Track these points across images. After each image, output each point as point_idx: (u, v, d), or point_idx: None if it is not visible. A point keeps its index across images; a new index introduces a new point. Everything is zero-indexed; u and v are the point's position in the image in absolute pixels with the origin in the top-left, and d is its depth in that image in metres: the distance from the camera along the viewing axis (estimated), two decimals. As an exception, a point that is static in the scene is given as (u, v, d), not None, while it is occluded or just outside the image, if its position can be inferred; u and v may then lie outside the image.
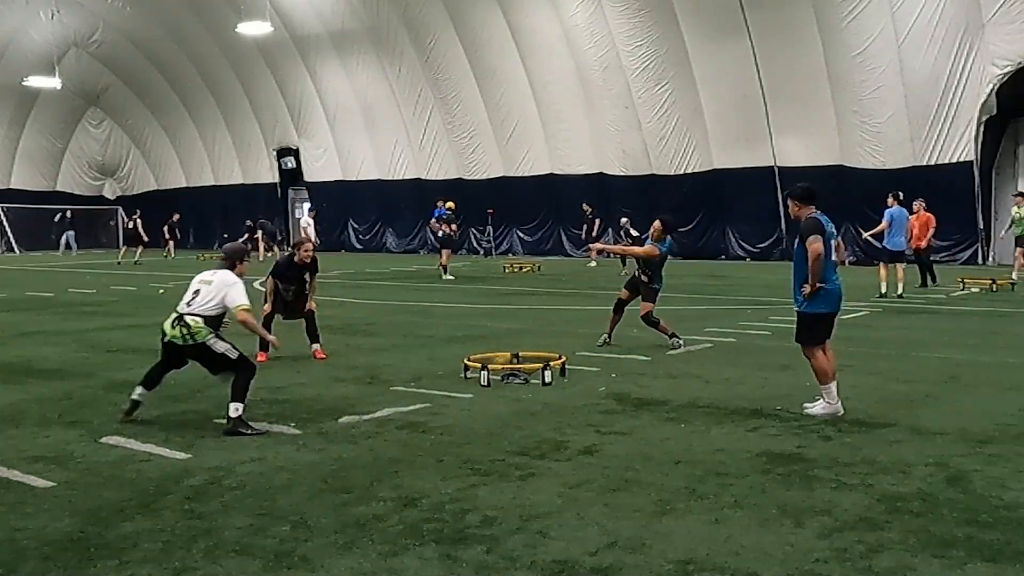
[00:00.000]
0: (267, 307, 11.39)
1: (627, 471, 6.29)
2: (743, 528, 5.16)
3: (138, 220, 35.43)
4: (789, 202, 8.38)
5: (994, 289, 19.26)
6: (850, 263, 28.52)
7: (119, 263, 33.18)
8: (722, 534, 5.07)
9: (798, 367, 10.33)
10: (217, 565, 4.70)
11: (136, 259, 33.61)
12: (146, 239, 34.87)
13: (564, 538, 5.03)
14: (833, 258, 7.98)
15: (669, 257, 12.21)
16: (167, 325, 7.79)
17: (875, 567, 4.59)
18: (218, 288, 7.81)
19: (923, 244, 20.15)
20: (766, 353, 11.42)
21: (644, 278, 11.99)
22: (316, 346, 11.40)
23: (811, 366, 8.01)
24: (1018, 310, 16.12)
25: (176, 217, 39.57)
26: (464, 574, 4.57)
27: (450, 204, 27.86)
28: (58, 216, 44.05)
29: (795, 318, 8.18)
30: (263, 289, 12.51)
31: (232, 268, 8.08)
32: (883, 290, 17.94)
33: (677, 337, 11.78)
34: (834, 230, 8.10)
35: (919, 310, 16.26)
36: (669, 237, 12.03)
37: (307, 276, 11.64)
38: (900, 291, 17.97)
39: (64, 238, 43.00)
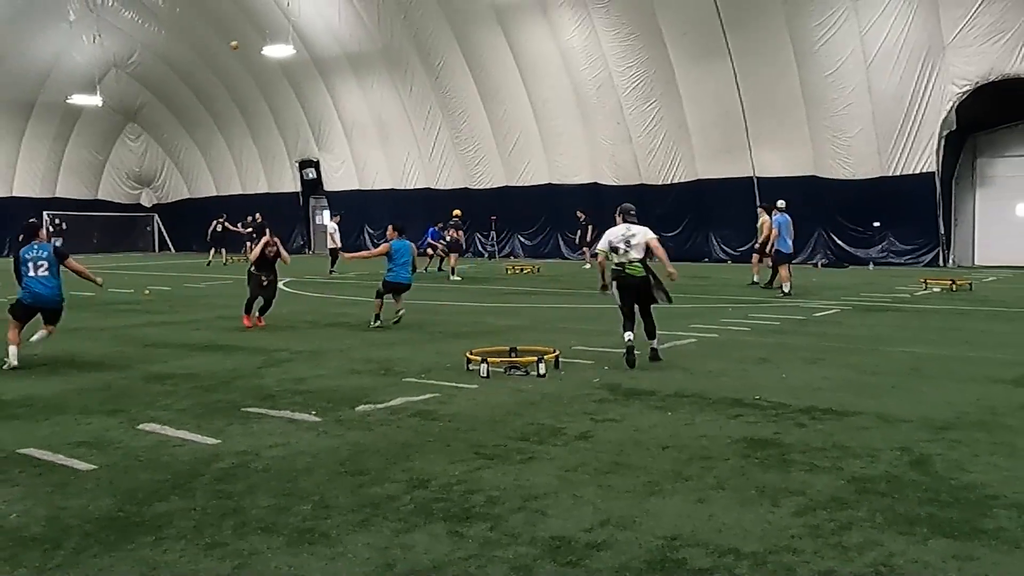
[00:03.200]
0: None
1: (618, 455, 6.29)
2: (725, 507, 5.15)
3: (225, 223, 35.51)
4: None
5: (954, 289, 19.26)
6: (822, 265, 28.64)
7: (213, 264, 33.28)
8: (705, 513, 5.07)
9: (775, 360, 10.36)
10: (244, 541, 4.70)
11: (223, 260, 33.85)
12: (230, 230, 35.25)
13: (561, 516, 5.02)
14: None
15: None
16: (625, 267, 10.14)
17: (845, 543, 4.59)
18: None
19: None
20: (746, 347, 11.42)
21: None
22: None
23: None
24: (976, 308, 16.11)
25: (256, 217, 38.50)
26: (470, 549, 4.56)
27: (457, 212, 27.88)
28: (53, 226, 43.15)
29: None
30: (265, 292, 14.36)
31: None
32: (786, 289, 18.20)
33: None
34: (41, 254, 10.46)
35: (886, 308, 16.26)
36: None
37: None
38: (787, 290, 18.18)
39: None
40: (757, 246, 21.73)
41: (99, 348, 11.89)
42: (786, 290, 18.18)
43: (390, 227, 14.74)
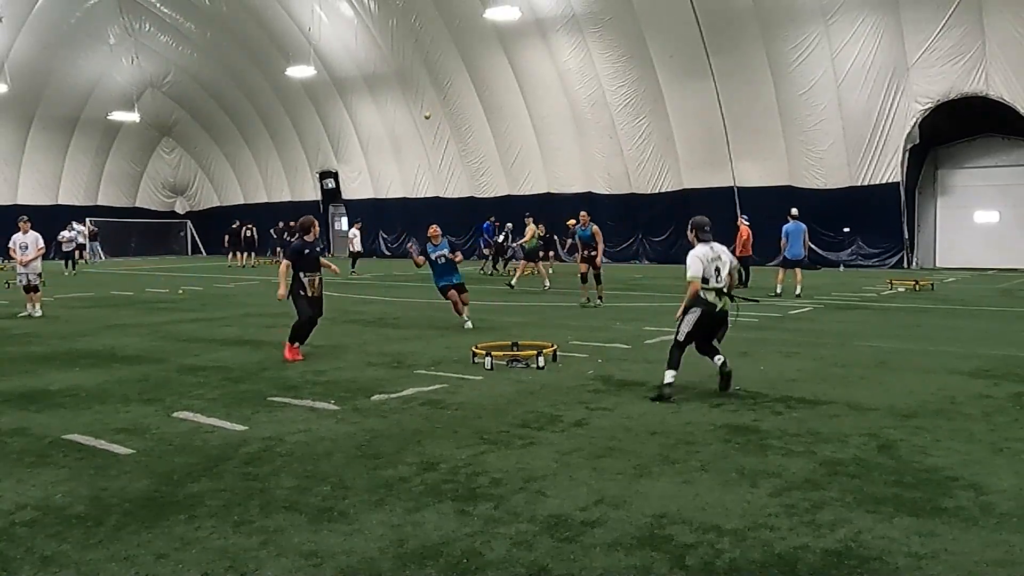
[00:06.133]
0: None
1: (611, 440, 6.28)
2: (708, 488, 5.15)
3: (254, 228, 35.77)
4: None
5: (917, 289, 19.25)
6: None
7: (247, 267, 33.44)
8: (690, 493, 5.06)
9: (754, 354, 10.34)
10: (270, 519, 4.70)
11: (251, 263, 34.25)
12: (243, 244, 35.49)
13: (559, 496, 5.02)
14: None
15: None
16: (716, 298, 7.91)
17: (818, 520, 4.59)
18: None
19: (748, 252, 20.13)
20: (727, 343, 11.28)
21: None
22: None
23: None
24: (937, 306, 16.10)
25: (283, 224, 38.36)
26: (475, 526, 4.56)
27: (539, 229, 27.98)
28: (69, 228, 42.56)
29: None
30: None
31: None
32: (778, 291, 17.85)
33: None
34: None
35: (855, 306, 16.24)
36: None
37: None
38: (798, 292, 17.76)
39: (92, 248, 41.92)
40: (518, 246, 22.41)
41: (138, 343, 11.89)
42: (797, 292, 17.78)
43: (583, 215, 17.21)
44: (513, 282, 21.25)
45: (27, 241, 15.76)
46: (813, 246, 29.35)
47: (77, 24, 38.11)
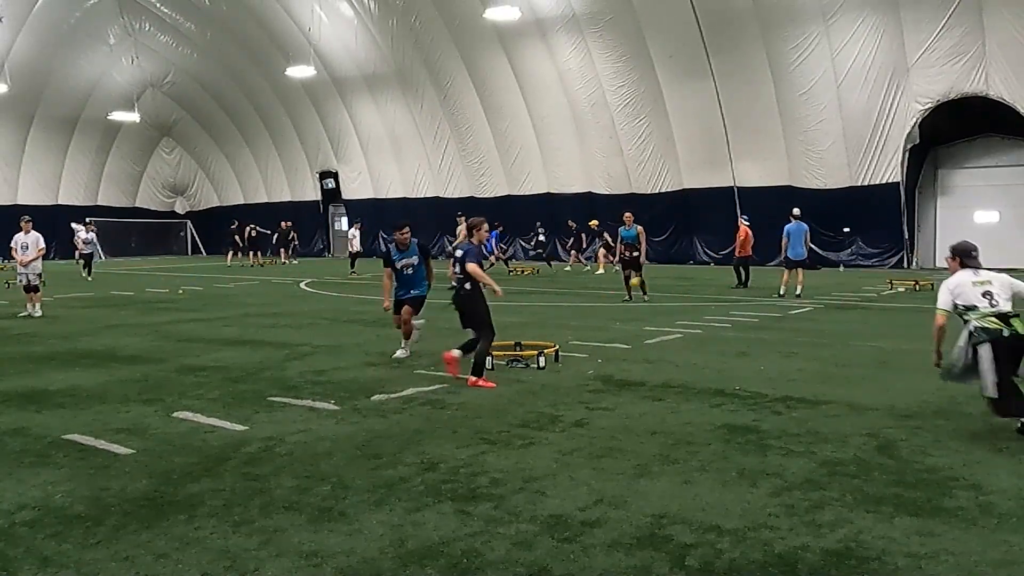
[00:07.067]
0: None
1: (611, 440, 6.28)
2: (708, 488, 5.15)
3: (258, 229, 36.09)
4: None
5: (917, 289, 19.23)
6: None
7: (243, 265, 33.68)
8: (690, 493, 5.06)
9: (754, 354, 10.34)
10: (270, 519, 4.70)
11: (251, 262, 34.59)
12: (242, 244, 35.92)
13: (559, 496, 5.02)
14: None
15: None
16: (999, 323, 6.37)
17: (818, 520, 4.59)
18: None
19: (747, 252, 20.06)
20: (727, 343, 11.40)
21: None
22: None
23: None
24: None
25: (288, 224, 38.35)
26: (475, 526, 4.56)
27: (594, 222, 28.04)
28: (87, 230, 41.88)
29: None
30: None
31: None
32: (781, 292, 17.76)
33: None
34: None
35: (855, 306, 16.24)
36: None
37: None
38: (798, 292, 17.61)
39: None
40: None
41: (138, 343, 11.88)
42: (797, 292, 17.64)
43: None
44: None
45: (28, 241, 15.80)
46: (813, 246, 29.51)
47: (77, 24, 38.09)
